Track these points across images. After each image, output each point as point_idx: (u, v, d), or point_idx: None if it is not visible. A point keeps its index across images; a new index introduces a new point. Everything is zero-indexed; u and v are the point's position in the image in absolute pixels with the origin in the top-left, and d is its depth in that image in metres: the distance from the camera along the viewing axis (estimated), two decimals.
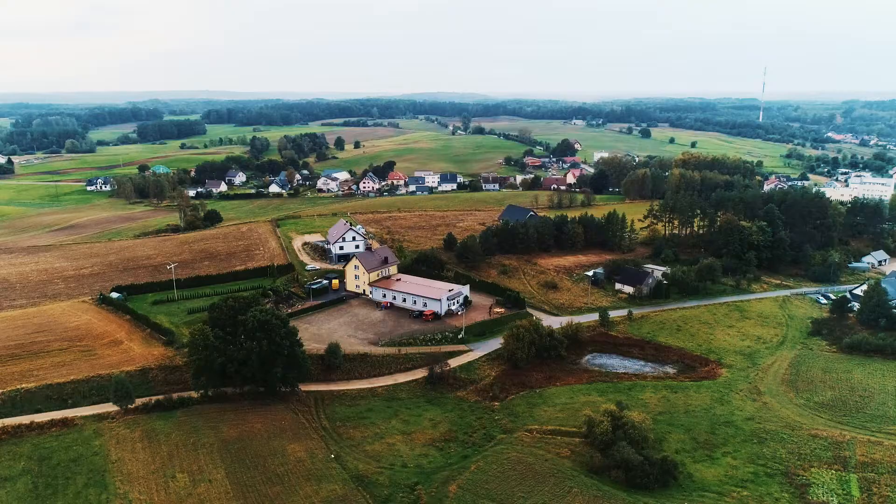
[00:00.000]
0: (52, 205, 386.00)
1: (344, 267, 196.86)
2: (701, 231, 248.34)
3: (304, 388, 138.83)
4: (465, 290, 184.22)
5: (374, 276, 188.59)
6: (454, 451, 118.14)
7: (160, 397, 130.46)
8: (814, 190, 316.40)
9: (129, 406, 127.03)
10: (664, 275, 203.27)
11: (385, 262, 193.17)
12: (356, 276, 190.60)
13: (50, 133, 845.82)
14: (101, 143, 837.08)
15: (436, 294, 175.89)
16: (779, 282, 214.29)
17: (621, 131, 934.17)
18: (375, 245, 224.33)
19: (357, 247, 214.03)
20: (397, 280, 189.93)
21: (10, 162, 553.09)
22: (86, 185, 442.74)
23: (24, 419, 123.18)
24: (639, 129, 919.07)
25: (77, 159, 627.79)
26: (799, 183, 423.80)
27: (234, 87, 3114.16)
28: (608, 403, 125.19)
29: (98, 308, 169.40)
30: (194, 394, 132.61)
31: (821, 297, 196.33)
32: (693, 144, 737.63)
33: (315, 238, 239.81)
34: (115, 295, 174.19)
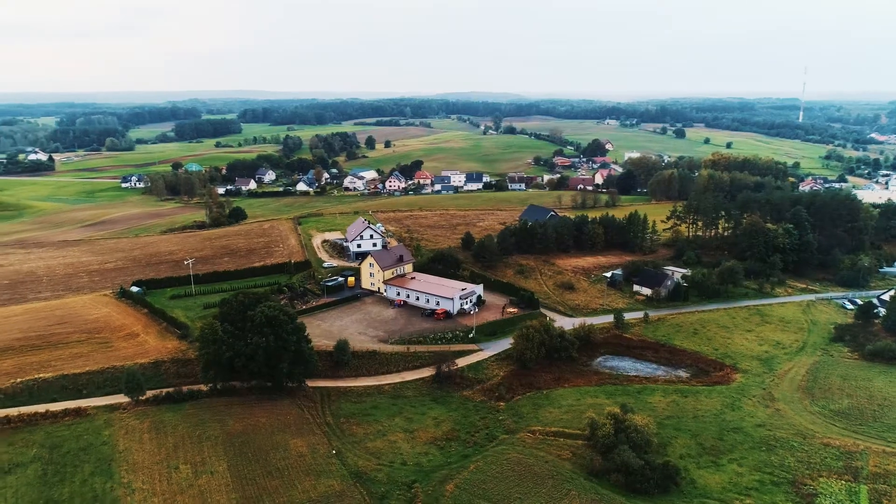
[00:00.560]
0: (88, 201, 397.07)
1: (360, 265, 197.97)
2: (726, 233, 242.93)
3: (311, 383, 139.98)
4: (479, 289, 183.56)
5: (388, 274, 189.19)
6: (455, 451, 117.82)
7: (170, 390, 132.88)
8: (850, 192, 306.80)
9: (140, 398, 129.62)
10: (683, 277, 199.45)
11: (400, 260, 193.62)
12: (371, 274, 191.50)
13: (91, 131, 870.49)
14: (139, 141, 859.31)
15: (448, 293, 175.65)
16: (804, 286, 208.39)
17: (655, 131, 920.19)
18: (393, 243, 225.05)
19: (375, 245, 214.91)
20: (412, 278, 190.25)
21: (51, 159, 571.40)
22: (120, 182, 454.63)
23: (40, 408, 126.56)
24: (673, 129, 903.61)
25: (114, 157, 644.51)
26: (837, 185, 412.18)
27: (271, 87, 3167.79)
28: (615, 406, 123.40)
29: (118, 301, 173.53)
30: (203, 387, 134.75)
31: (847, 303, 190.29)
32: (728, 145, 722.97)
33: (335, 236, 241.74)
34: (134, 289, 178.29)
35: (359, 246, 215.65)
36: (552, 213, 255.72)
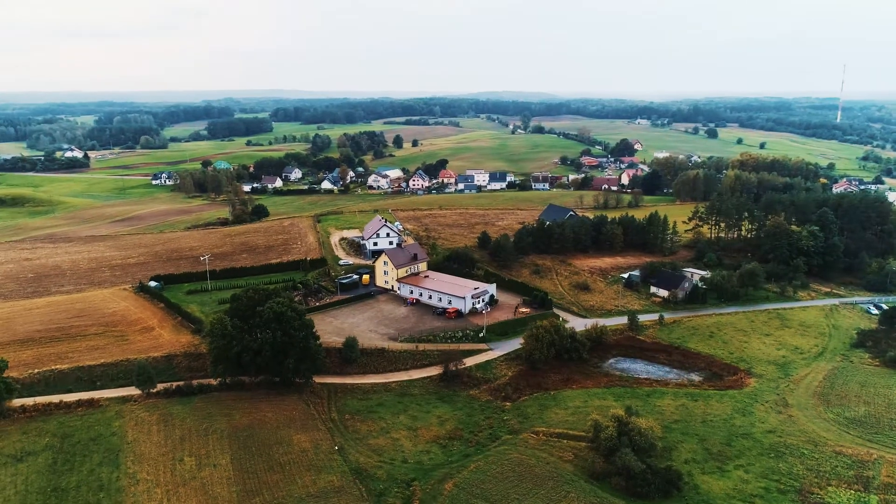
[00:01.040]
0: (119, 197, 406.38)
1: (374, 262, 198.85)
2: (750, 235, 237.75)
3: (319, 380, 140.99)
4: (492, 288, 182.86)
5: (402, 272, 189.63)
6: (457, 450, 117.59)
7: (180, 383, 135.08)
8: (881, 194, 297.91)
9: (151, 390, 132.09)
10: (702, 279, 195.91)
11: (414, 258, 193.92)
12: (385, 272, 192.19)
13: (127, 130, 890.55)
14: (173, 139, 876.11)
15: (460, 292, 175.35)
16: (829, 290, 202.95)
17: (686, 131, 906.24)
18: (410, 241, 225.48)
19: (391, 243, 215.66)
20: (425, 277, 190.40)
21: (86, 157, 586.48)
22: (151, 180, 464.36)
23: (55, 398, 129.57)
24: (705, 129, 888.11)
25: (147, 154, 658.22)
26: (872, 187, 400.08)
27: (305, 86, 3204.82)
28: (622, 409, 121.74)
29: (136, 296, 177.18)
30: (213, 381, 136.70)
31: (871, 307, 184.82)
32: (762, 145, 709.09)
33: (353, 234, 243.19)
34: (153, 284, 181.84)
35: (375, 244, 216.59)
36: (571, 212, 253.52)
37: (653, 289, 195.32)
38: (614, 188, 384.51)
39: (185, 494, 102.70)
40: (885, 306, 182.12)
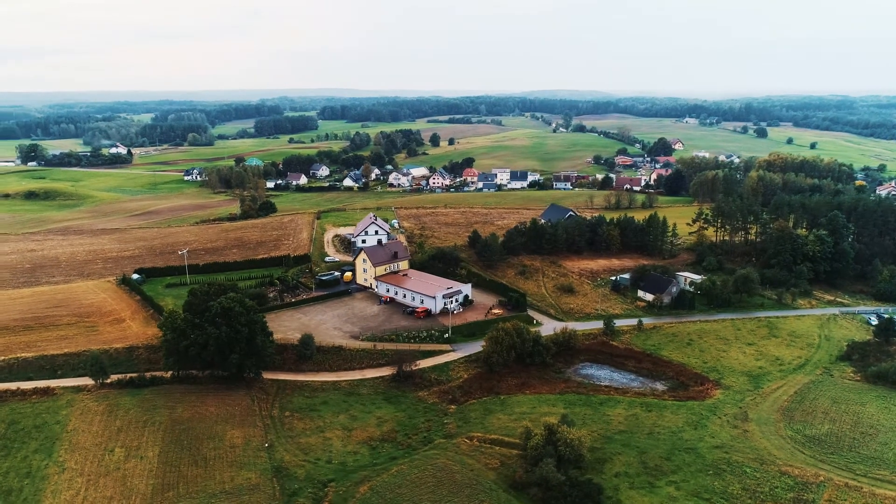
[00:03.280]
0: (148, 192, 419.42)
1: (354, 260, 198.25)
2: (758, 239, 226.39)
3: (272, 376, 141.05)
4: (466, 288, 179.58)
5: (380, 270, 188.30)
6: (385, 452, 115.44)
7: (134, 375, 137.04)
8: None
9: (105, 381, 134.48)
10: (691, 284, 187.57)
11: (394, 257, 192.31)
12: (364, 270, 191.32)
13: (177, 127, 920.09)
14: (221, 137, 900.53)
15: (431, 291, 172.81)
16: (832, 298, 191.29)
17: (735, 130, 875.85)
18: (401, 239, 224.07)
19: (380, 240, 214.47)
20: (404, 276, 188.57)
21: (129, 153, 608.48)
22: (183, 176, 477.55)
23: (13, 385, 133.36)
24: (755, 128, 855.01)
25: (189, 151, 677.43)
26: None
27: (358, 84, 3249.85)
28: (556, 417, 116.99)
29: (117, 288, 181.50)
30: (167, 374, 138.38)
31: (873, 318, 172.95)
32: (812, 145, 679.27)
33: (347, 231, 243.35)
34: (135, 276, 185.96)
35: (363, 241, 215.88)
36: (571, 213, 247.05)
37: (640, 293, 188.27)
38: (636, 188, 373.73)
39: (104, 485, 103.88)
40: (887, 317, 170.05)
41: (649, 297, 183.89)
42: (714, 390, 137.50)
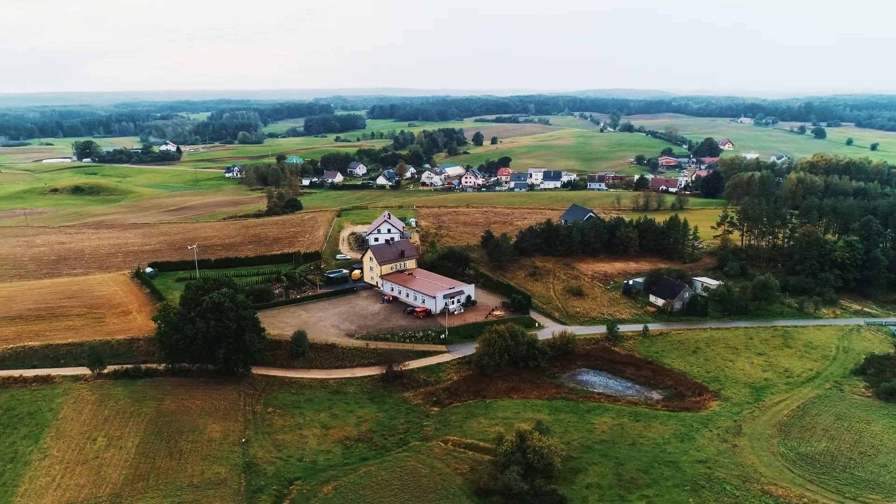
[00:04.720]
0: (189, 188, 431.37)
1: (362, 258, 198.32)
2: (786, 244, 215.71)
3: (264, 372, 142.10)
4: (469, 288, 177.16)
5: (386, 269, 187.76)
6: (357, 452, 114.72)
7: (129, 366, 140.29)
8: None
9: (101, 371, 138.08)
10: (705, 289, 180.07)
11: (401, 255, 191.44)
12: (371, 268, 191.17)
13: (229, 125, 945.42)
14: (271, 135, 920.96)
15: (432, 291, 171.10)
16: (860, 307, 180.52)
17: (792, 131, 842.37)
18: (416, 238, 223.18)
19: (392, 238, 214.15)
20: (409, 275, 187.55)
21: (178, 150, 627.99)
22: (225, 173, 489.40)
23: (16, 373, 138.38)
24: (813, 128, 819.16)
25: (236, 149, 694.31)
26: None
27: (409, 84, 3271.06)
28: (531, 424, 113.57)
29: (130, 281, 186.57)
30: (161, 366, 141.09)
31: None
32: (873, 146, 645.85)
33: (364, 229, 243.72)
34: (148, 270, 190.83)
35: (376, 239, 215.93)
36: (591, 213, 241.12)
37: (652, 297, 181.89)
38: (672, 189, 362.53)
39: (79, 473, 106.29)
40: None
41: (660, 301, 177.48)
42: (711, 401, 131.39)
